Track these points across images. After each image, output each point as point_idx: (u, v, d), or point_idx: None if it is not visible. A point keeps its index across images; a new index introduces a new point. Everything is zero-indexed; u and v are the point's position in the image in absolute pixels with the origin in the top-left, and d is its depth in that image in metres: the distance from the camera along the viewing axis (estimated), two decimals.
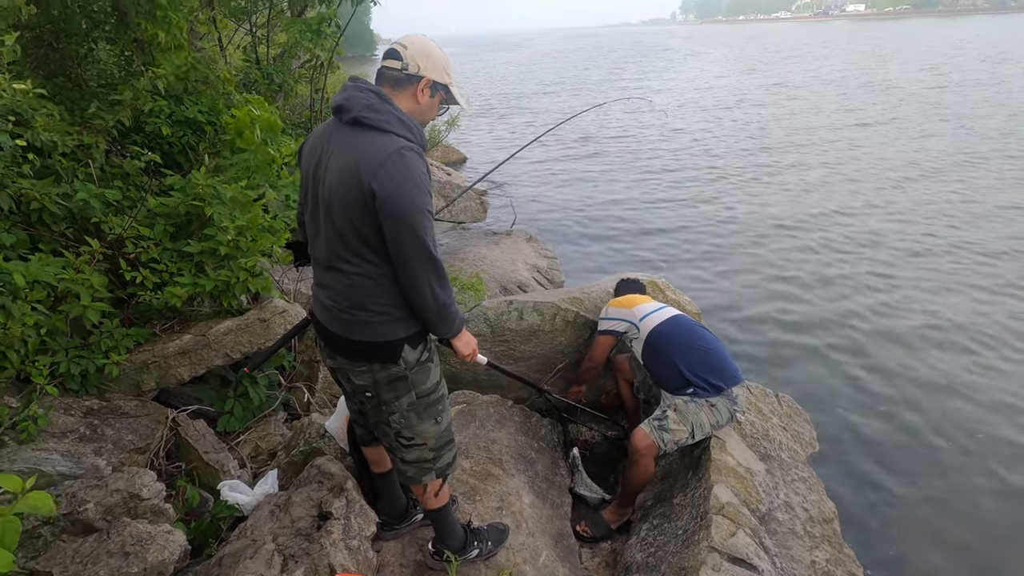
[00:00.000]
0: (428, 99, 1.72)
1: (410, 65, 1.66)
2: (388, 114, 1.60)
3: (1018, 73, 20.15)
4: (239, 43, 6.27)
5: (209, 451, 2.62)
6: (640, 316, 2.97)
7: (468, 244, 5.90)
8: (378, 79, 1.70)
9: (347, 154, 1.59)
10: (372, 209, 1.56)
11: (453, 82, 1.76)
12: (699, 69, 30.01)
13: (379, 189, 1.53)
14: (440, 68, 1.71)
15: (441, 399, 1.90)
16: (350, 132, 1.61)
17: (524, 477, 2.79)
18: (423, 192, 1.58)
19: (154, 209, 2.98)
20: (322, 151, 1.67)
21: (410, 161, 1.57)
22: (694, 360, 2.76)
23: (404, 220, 1.56)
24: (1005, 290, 5.48)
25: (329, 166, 1.63)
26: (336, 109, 1.64)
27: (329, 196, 1.62)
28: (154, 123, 3.60)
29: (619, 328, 3.04)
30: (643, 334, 2.91)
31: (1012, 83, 17.84)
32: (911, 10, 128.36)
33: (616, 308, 3.10)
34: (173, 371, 2.75)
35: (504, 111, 18.58)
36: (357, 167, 1.55)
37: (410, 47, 1.68)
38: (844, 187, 8.82)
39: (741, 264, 6.31)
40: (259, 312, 2.94)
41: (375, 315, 1.70)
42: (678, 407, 2.69)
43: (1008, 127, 11.84)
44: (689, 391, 2.72)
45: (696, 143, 12.24)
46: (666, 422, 2.65)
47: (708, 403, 2.69)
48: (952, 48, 32.35)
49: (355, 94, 1.61)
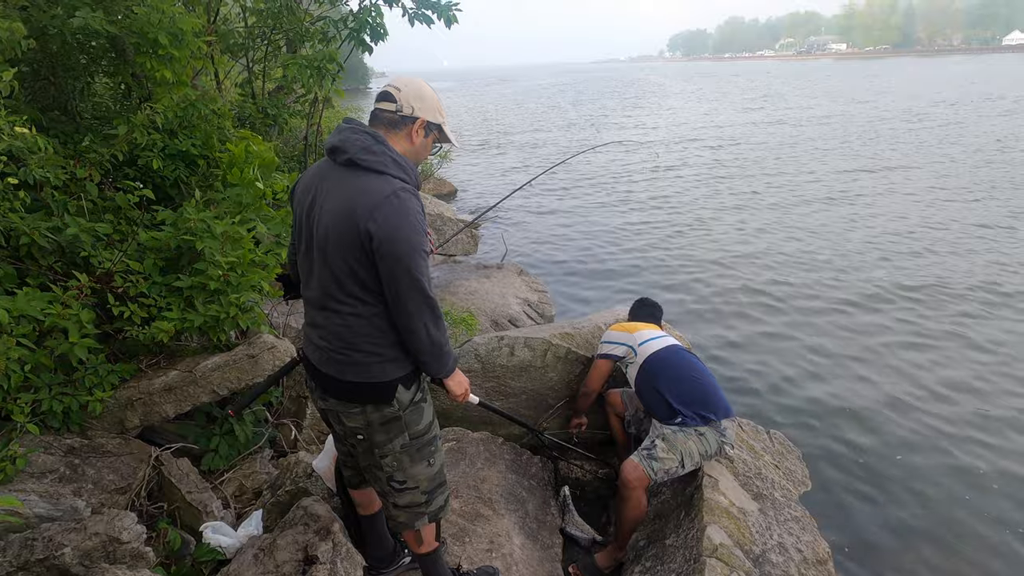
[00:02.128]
0: (422, 139, 1.75)
1: (404, 107, 1.70)
2: (384, 156, 1.62)
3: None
4: (235, 78, 6.36)
5: (192, 491, 2.56)
6: (640, 341, 2.99)
7: (459, 277, 5.91)
8: (372, 121, 1.73)
9: (343, 195, 1.60)
10: (368, 250, 1.57)
11: (446, 121, 1.80)
12: (689, 106, 30.68)
13: (376, 231, 1.54)
14: (433, 109, 1.74)
15: (434, 439, 1.88)
16: (345, 173, 1.63)
17: (515, 517, 2.74)
18: (419, 233, 1.60)
19: (145, 243, 2.97)
20: (316, 191, 1.68)
21: (406, 202, 1.58)
22: (685, 390, 2.78)
23: (401, 261, 1.56)
24: (1008, 334, 5.54)
25: (324, 207, 1.63)
26: (331, 150, 1.66)
27: (324, 237, 1.63)
28: (146, 156, 3.62)
29: (617, 352, 3.04)
30: (640, 359, 2.94)
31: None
32: (890, 50, 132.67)
33: (617, 332, 3.11)
34: (158, 408, 2.70)
35: (496, 145, 18.84)
36: (353, 208, 1.56)
37: (404, 89, 1.71)
38: (840, 224, 8.96)
39: (734, 301, 6.35)
40: (248, 348, 2.91)
41: (369, 356, 1.69)
42: (666, 436, 2.69)
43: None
44: (677, 420, 2.72)
45: (687, 180, 12.43)
46: (655, 451, 2.65)
47: (696, 432, 2.70)
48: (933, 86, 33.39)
49: (351, 136, 1.63)
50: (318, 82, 4.41)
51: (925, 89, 32.08)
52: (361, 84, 51.96)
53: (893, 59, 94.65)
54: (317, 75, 4.38)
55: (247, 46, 5.37)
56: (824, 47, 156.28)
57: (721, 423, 2.74)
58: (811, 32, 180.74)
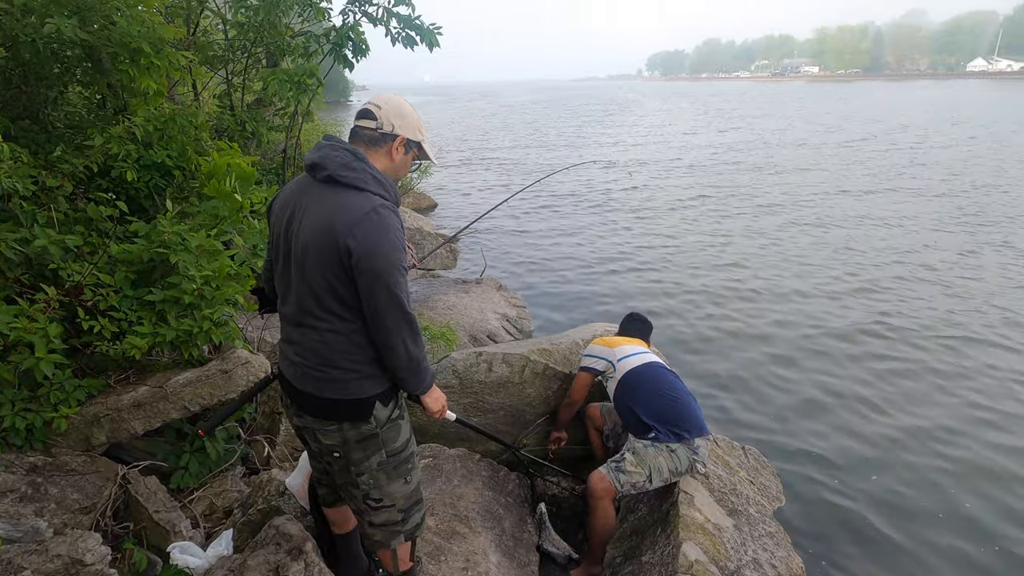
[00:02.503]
0: (402, 156, 1.76)
1: (384, 124, 1.71)
2: (364, 172, 1.63)
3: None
4: (214, 90, 6.31)
5: (160, 510, 2.50)
6: (619, 357, 3.04)
7: (438, 292, 5.89)
8: (352, 138, 1.74)
9: (322, 212, 1.60)
10: (347, 266, 1.57)
11: (425, 138, 1.81)
12: (668, 124, 31.21)
13: (355, 247, 1.54)
14: (413, 126, 1.76)
15: (411, 457, 1.87)
16: (325, 190, 1.63)
17: (491, 535, 2.72)
18: (398, 249, 1.60)
19: (116, 255, 2.91)
20: (295, 207, 1.67)
21: (386, 219, 1.59)
22: (659, 406, 2.82)
23: (380, 277, 1.57)
24: (977, 347, 5.69)
25: (303, 223, 1.63)
26: (310, 167, 1.66)
27: (302, 253, 1.62)
28: (120, 167, 3.56)
29: (598, 366, 3.09)
30: (618, 374, 2.99)
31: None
32: (860, 73, 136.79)
33: (599, 346, 3.16)
34: (126, 424, 2.64)
35: (477, 160, 18.93)
36: (333, 225, 1.56)
37: (384, 107, 1.72)
38: (811, 239, 9.16)
39: (709, 318, 6.44)
40: (221, 363, 2.86)
41: (346, 372, 1.68)
42: (637, 450, 2.73)
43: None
44: (651, 435, 2.77)
45: (665, 199, 12.60)
46: (623, 464, 2.70)
47: (668, 448, 2.73)
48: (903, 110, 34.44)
49: (330, 153, 1.63)
50: (297, 97, 4.39)
51: (891, 114, 33.09)
52: (342, 97, 51.93)
53: (863, 83, 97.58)
54: (297, 90, 4.36)
55: (227, 58, 5.34)
56: (797, 69, 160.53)
57: (694, 441, 2.77)
58: (785, 55, 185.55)
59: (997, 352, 5.50)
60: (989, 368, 5.22)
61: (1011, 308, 6.43)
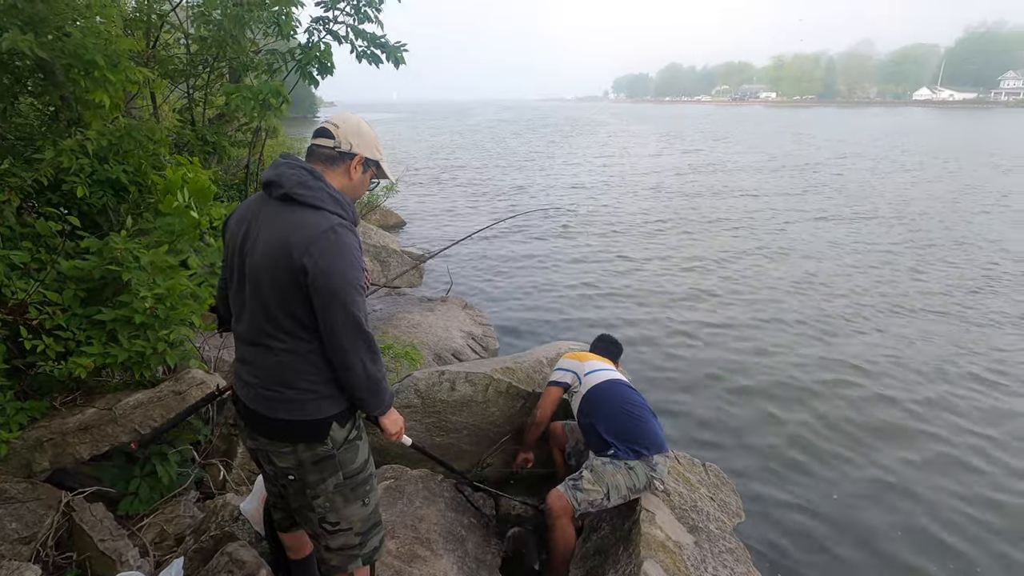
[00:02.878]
0: (360, 175, 1.76)
1: (342, 143, 1.71)
2: (321, 191, 1.62)
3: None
4: (174, 104, 6.19)
5: (106, 538, 2.39)
6: (587, 371, 3.06)
7: (402, 310, 5.84)
8: (309, 156, 1.73)
9: (278, 230, 1.58)
10: (303, 285, 1.56)
11: (383, 157, 1.81)
12: (632, 145, 31.85)
13: (311, 265, 1.53)
14: (371, 145, 1.76)
15: (369, 478, 1.84)
16: (281, 208, 1.61)
17: (453, 557, 2.69)
18: (355, 268, 1.59)
19: (66, 272, 2.81)
20: (250, 225, 1.65)
21: (343, 237, 1.58)
22: (620, 424, 2.85)
23: (336, 296, 1.55)
24: (934, 371, 5.91)
25: (258, 241, 1.61)
26: (266, 184, 1.64)
27: (257, 271, 1.60)
28: (72, 182, 3.45)
29: (566, 379, 3.10)
30: (583, 389, 3.00)
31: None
32: (815, 99, 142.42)
33: (568, 359, 3.19)
34: (71, 449, 2.53)
35: (445, 177, 18.96)
36: (289, 243, 1.55)
37: (342, 126, 1.73)
38: (774, 264, 9.42)
39: (669, 335, 6.54)
40: (174, 384, 2.77)
41: (303, 392, 1.66)
42: (595, 468, 2.75)
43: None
44: (610, 452, 2.79)
45: (632, 219, 12.82)
46: (580, 482, 2.71)
47: (626, 465, 2.75)
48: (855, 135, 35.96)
49: (287, 171, 1.62)
50: (262, 114, 4.34)
51: (850, 139, 34.46)
52: (309, 113, 51.47)
53: (817, 108, 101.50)
54: (261, 108, 4.31)
55: (188, 72, 5.25)
56: (756, 95, 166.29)
57: (653, 458, 2.80)
58: (744, 80, 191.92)
59: (954, 374, 5.72)
60: (946, 388, 5.41)
61: (956, 319, 6.73)
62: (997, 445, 4.52)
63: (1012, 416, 4.92)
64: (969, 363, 5.84)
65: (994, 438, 4.61)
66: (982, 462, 4.33)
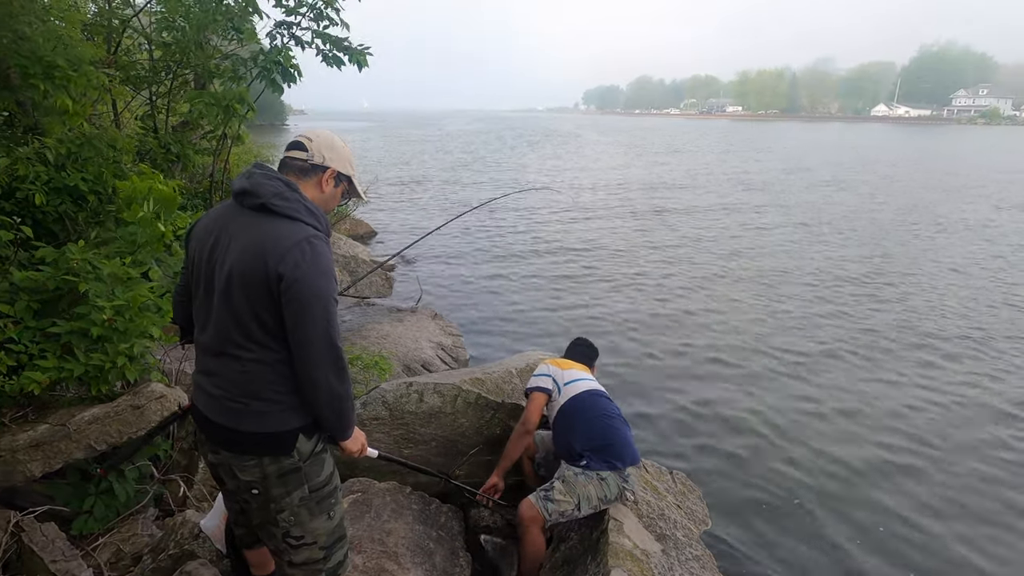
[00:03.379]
0: (332, 189, 1.77)
1: (316, 156, 1.71)
2: (296, 202, 1.62)
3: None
4: (136, 111, 6.05)
5: (58, 559, 2.30)
6: (567, 380, 3.04)
7: (372, 321, 5.79)
8: (282, 168, 1.73)
9: (252, 239, 1.57)
10: (276, 294, 1.55)
11: (355, 174, 1.82)
12: (601, 155, 32.24)
13: (286, 275, 1.52)
14: (344, 160, 1.77)
15: (335, 491, 1.82)
16: (255, 218, 1.60)
17: (421, 571, 2.66)
18: (330, 279, 1.59)
19: (18, 283, 2.72)
20: (219, 234, 1.63)
21: (318, 249, 1.58)
22: (595, 435, 2.85)
23: (308, 307, 1.54)
24: (891, 361, 6.10)
25: (230, 249, 1.59)
26: (240, 193, 1.63)
27: (227, 280, 1.58)
28: (27, 190, 3.35)
29: (547, 385, 3.05)
30: (562, 399, 2.98)
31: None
32: (779, 114, 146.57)
33: (549, 366, 3.14)
34: (22, 467, 2.43)
35: (416, 187, 18.90)
36: (263, 252, 1.54)
37: (315, 139, 1.73)
38: (745, 271, 9.64)
39: (640, 346, 6.62)
40: (132, 398, 2.69)
41: (270, 404, 1.63)
42: (567, 479, 2.75)
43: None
44: (583, 463, 2.79)
45: (601, 228, 12.97)
46: (552, 492, 2.71)
47: (598, 476, 2.77)
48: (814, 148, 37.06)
49: (263, 181, 1.61)
50: (226, 121, 4.28)
51: (821, 154, 35.48)
52: (277, 120, 50.82)
53: (782, 123, 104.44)
54: (225, 114, 4.25)
55: (151, 79, 5.15)
56: (723, 108, 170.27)
57: (626, 470, 2.82)
58: (711, 94, 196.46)
59: (919, 379, 5.92)
60: (913, 395, 5.59)
61: (928, 331, 6.97)
62: (957, 449, 4.69)
63: (970, 423, 5.11)
64: (934, 373, 6.06)
65: (953, 443, 4.78)
66: (936, 466, 4.49)
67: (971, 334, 7.01)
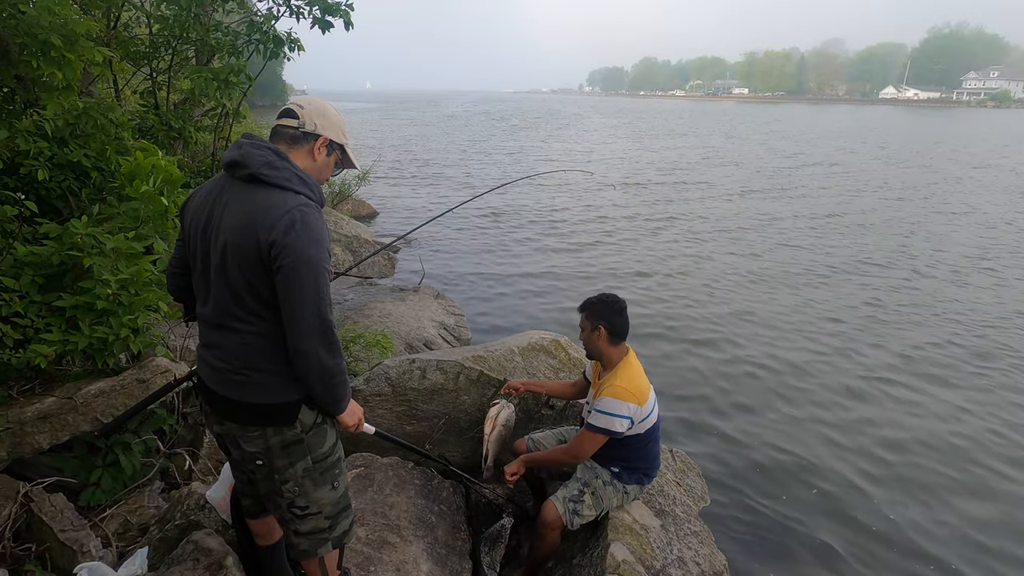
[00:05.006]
0: (324, 157, 1.74)
1: (307, 123, 1.69)
2: (287, 171, 1.61)
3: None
4: (137, 87, 6.01)
5: (67, 529, 2.34)
6: (645, 414, 2.59)
7: (374, 300, 5.81)
8: (273, 137, 1.71)
9: (243, 210, 1.56)
10: (267, 263, 1.54)
11: (349, 143, 1.79)
12: (612, 140, 31.98)
13: (276, 242, 1.51)
14: (336, 128, 1.74)
15: (338, 462, 1.84)
16: (246, 188, 1.59)
17: (423, 544, 2.70)
18: (322, 248, 1.57)
19: (22, 258, 2.73)
20: (213, 207, 1.63)
21: (309, 218, 1.57)
22: (650, 463, 2.78)
23: (296, 274, 1.53)
24: (897, 344, 6.11)
25: (223, 222, 1.59)
26: (230, 165, 1.62)
27: (222, 252, 1.58)
28: (30, 166, 3.34)
29: (622, 428, 2.53)
30: (630, 433, 2.59)
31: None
32: (786, 96, 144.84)
33: (626, 400, 2.52)
34: (30, 439, 2.47)
35: (418, 168, 18.81)
36: (255, 223, 1.53)
37: (307, 107, 1.71)
38: (752, 250, 9.61)
39: (642, 325, 6.63)
40: (138, 372, 2.72)
41: (270, 375, 1.64)
42: (596, 490, 2.68)
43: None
44: (615, 470, 2.71)
45: (603, 210, 12.91)
46: (580, 506, 2.64)
47: (625, 489, 2.73)
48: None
49: (252, 151, 1.60)
50: (225, 94, 4.25)
51: (835, 136, 35.12)
52: (279, 100, 50.40)
53: (788, 105, 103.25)
54: (224, 87, 4.22)
55: (150, 55, 5.10)
56: (729, 90, 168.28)
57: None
58: (717, 76, 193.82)
59: (927, 370, 5.93)
60: (913, 382, 5.61)
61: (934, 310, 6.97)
62: (959, 433, 4.71)
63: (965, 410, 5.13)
64: (939, 357, 6.06)
65: (955, 429, 4.81)
66: (932, 450, 4.51)
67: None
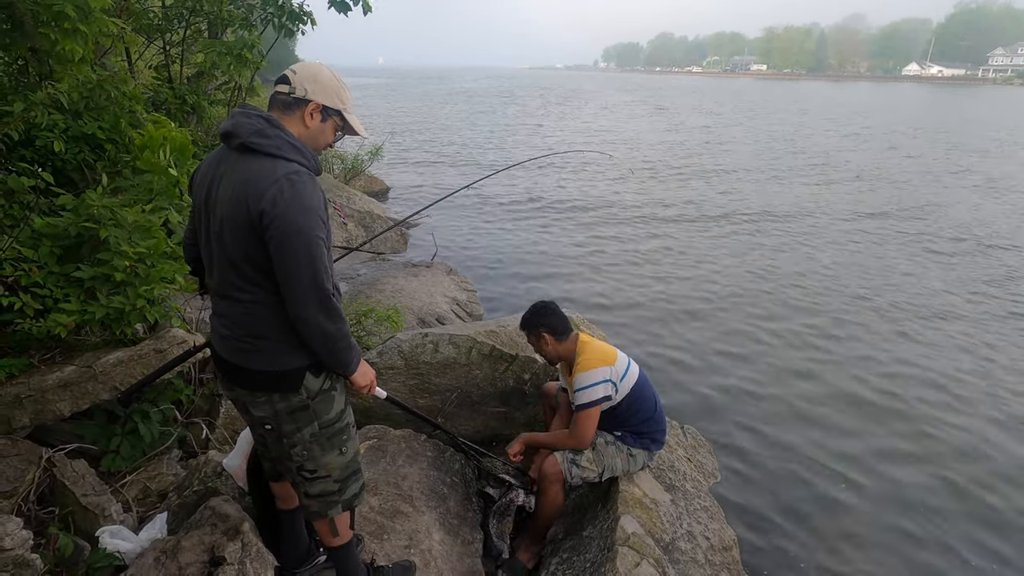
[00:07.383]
0: (318, 124, 1.69)
1: (298, 89, 1.65)
2: (278, 139, 1.59)
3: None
4: (150, 60, 6.00)
5: (88, 493, 2.40)
6: (620, 375, 2.69)
7: (387, 275, 5.83)
8: (270, 105, 1.69)
9: (236, 180, 1.56)
10: (260, 233, 1.53)
11: (348, 109, 1.75)
12: (629, 119, 31.57)
13: (266, 212, 1.51)
14: (331, 93, 1.69)
15: (346, 428, 1.85)
16: (239, 158, 1.59)
17: (435, 514, 2.74)
18: (314, 216, 1.55)
19: (40, 230, 2.76)
20: (212, 179, 1.63)
21: (299, 185, 1.55)
22: (653, 427, 2.80)
23: (288, 242, 1.52)
24: (901, 329, 6.04)
25: (220, 193, 1.59)
26: (224, 135, 1.61)
27: (220, 224, 1.59)
28: (46, 137, 3.36)
29: (608, 392, 2.65)
30: (619, 397, 2.70)
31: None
32: (805, 73, 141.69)
33: (598, 367, 2.62)
34: (51, 406, 2.52)
35: (431, 144, 18.71)
36: (246, 192, 1.53)
37: (299, 72, 1.68)
38: (768, 236, 9.51)
39: (654, 303, 6.61)
40: (155, 342, 2.76)
41: (275, 343, 1.66)
42: (596, 446, 2.72)
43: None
44: (617, 434, 2.76)
45: (616, 189, 12.80)
46: (579, 459, 2.68)
47: (629, 452, 2.75)
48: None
49: (242, 120, 1.59)
50: (238, 69, 4.23)
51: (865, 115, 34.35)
52: None
53: (809, 82, 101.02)
54: (237, 62, 4.20)
55: (163, 27, 5.08)
56: (747, 67, 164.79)
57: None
58: (735, 52, 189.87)
59: (925, 346, 5.86)
60: (920, 352, 5.56)
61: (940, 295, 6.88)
62: (983, 421, 4.67)
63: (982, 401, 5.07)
64: (960, 339, 5.99)
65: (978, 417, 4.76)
66: (946, 439, 4.48)
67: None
